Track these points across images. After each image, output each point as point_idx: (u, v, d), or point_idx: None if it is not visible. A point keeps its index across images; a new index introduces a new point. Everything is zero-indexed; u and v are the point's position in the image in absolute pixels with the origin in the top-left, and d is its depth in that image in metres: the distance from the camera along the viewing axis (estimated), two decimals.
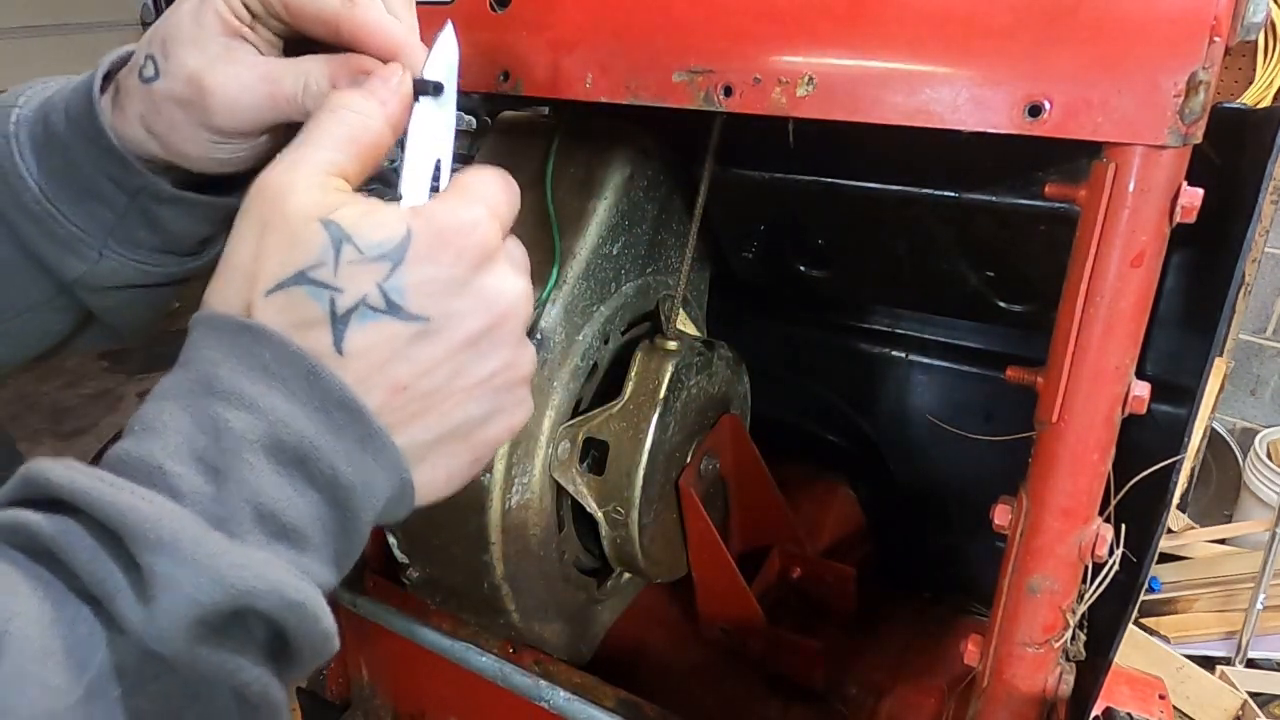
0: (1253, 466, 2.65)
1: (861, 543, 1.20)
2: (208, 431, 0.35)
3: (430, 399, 0.40)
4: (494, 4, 0.65)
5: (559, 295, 0.82)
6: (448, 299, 0.39)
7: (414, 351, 0.39)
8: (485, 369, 0.41)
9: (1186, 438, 0.62)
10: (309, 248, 0.37)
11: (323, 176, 0.39)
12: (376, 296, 0.37)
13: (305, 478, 0.36)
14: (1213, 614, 2.33)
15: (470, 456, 0.43)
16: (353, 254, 0.37)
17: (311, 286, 0.37)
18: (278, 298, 0.37)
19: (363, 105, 0.42)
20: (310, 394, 0.36)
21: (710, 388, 0.96)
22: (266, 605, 0.33)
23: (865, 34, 0.53)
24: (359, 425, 0.37)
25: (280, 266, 0.37)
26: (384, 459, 0.38)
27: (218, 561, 0.32)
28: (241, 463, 0.35)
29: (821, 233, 1.01)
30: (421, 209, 0.40)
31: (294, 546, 0.36)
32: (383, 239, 0.38)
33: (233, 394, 0.35)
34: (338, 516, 0.37)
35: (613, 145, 0.88)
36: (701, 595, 1.01)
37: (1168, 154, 0.49)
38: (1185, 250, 0.70)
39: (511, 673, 0.90)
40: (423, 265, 0.38)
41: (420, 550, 0.90)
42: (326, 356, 0.37)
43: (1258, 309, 2.75)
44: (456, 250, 0.39)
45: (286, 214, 0.38)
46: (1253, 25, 0.50)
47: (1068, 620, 0.62)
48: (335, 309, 0.37)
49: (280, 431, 0.35)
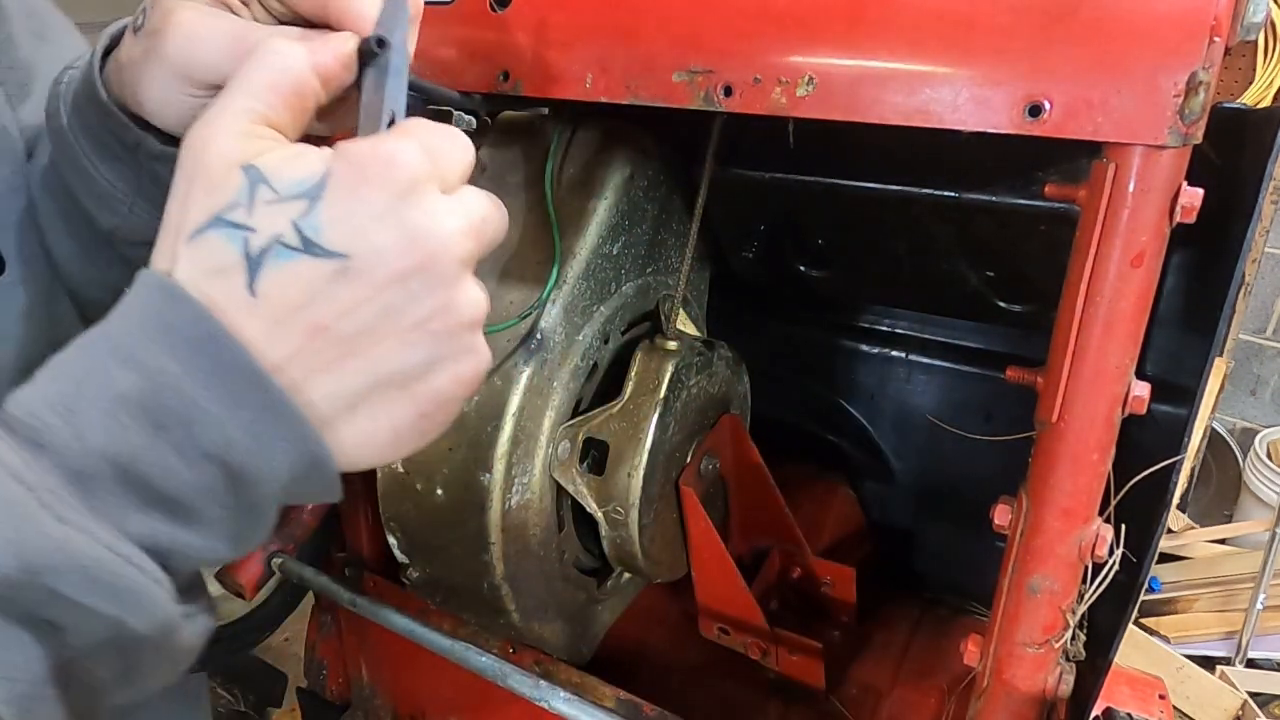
0: (1253, 466, 2.65)
1: (861, 543, 1.20)
2: (90, 386, 0.34)
3: (354, 342, 0.37)
4: (494, 4, 0.65)
5: (559, 295, 0.82)
6: (369, 234, 0.37)
7: (334, 290, 0.36)
8: (419, 311, 0.38)
9: (1186, 438, 0.62)
10: (226, 191, 0.36)
11: (244, 124, 0.38)
12: (291, 234, 0.36)
13: (193, 446, 0.34)
14: (1213, 614, 2.33)
15: (414, 410, 0.40)
16: (268, 194, 0.36)
17: (227, 229, 0.36)
18: (196, 243, 0.36)
19: (285, 49, 0.41)
20: (206, 358, 0.35)
21: (710, 388, 0.96)
22: (69, 583, 0.32)
23: (865, 34, 0.53)
24: (259, 392, 0.35)
25: (200, 213, 0.36)
26: (286, 427, 0.36)
27: (21, 525, 0.31)
28: (113, 421, 0.33)
29: (821, 233, 1.01)
30: (343, 147, 0.38)
31: (176, 519, 0.35)
32: (300, 177, 0.37)
33: (126, 351, 0.34)
34: (232, 488, 0.36)
35: (613, 145, 0.88)
36: (701, 595, 1.01)
37: (1168, 154, 0.49)
38: (1185, 250, 0.70)
39: (511, 673, 0.90)
40: (341, 200, 0.37)
41: (420, 550, 0.90)
42: (239, 300, 0.36)
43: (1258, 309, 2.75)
44: (378, 182, 0.37)
45: (207, 162, 0.37)
46: (1253, 25, 0.50)
47: (1068, 620, 0.62)
48: (249, 249, 0.36)
49: (164, 395, 0.34)
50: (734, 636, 1.02)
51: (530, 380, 0.81)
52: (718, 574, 0.98)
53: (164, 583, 0.35)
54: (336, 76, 0.43)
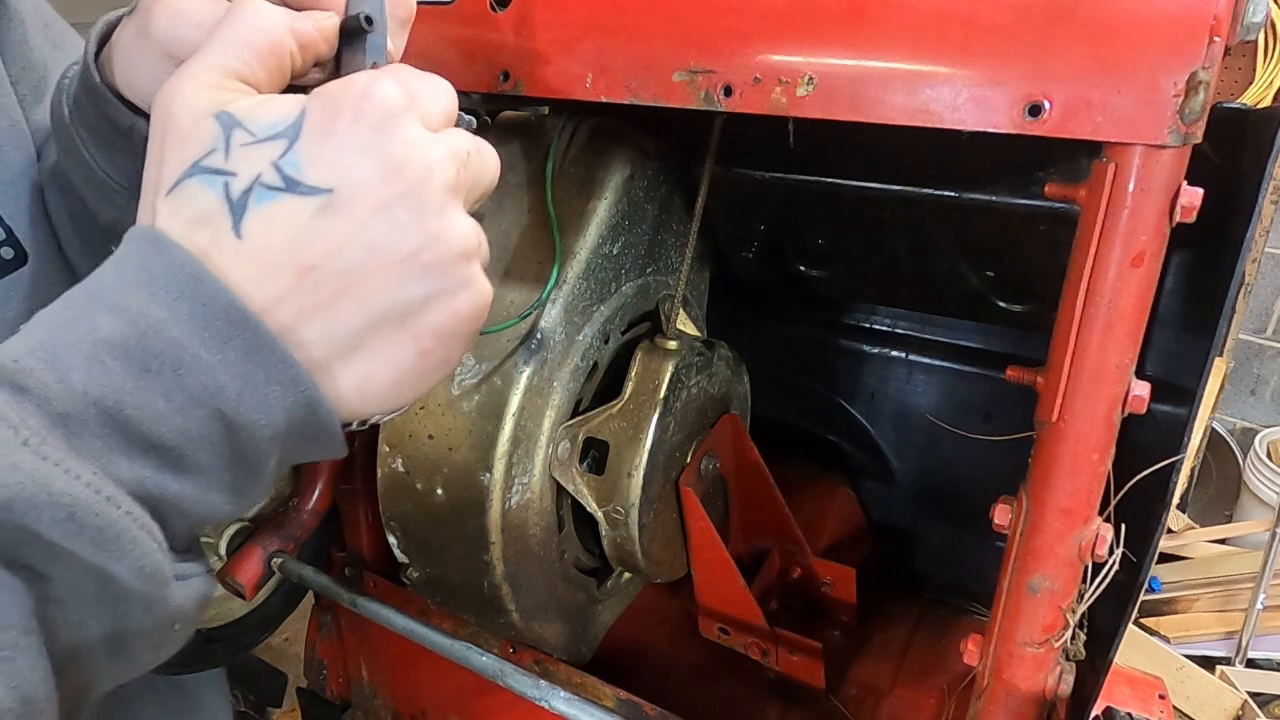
0: (1253, 466, 2.66)
1: (862, 543, 1.20)
2: (73, 331, 0.33)
3: (345, 280, 0.36)
4: (494, 4, 0.65)
5: (559, 295, 0.82)
6: (350, 167, 0.36)
7: (320, 227, 0.36)
8: (408, 242, 0.37)
9: (1186, 438, 0.62)
10: (201, 140, 0.36)
11: (216, 77, 0.38)
12: (272, 174, 0.36)
13: (180, 389, 0.34)
14: (1213, 614, 2.33)
15: (414, 348, 0.39)
16: (244, 137, 0.36)
17: (204, 175, 0.36)
18: (175, 195, 0.36)
19: (263, 7, 0.40)
20: (190, 302, 0.34)
21: (710, 388, 0.96)
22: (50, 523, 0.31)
23: (865, 34, 0.53)
24: (246, 334, 0.34)
25: (177, 165, 0.36)
26: (278, 372, 0.35)
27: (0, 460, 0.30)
28: (97, 364, 0.33)
29: (821, 233, 1.01)
30: (319, 89, 0.38)
31: (166, 466, 0.34)
32: (276, 119, 0.36)
33: (109, 298, 0.34)
34: (226, 434, 0.35)
35: (613, 145, 0.88)
36: (701, 595, 1.02)
37: (1168, 154, 0.49)
38: (1185, 250, 0.70)
39: (511, 673, 0.90)
40: (320, 136, 0.36)
41: (420, 550, 0.90)
42: (225, 244, 0.35)
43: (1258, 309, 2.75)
44: (353, 114, 0.37)
45: (177, 114, 0.37)
46: (1253, 25, 0.50)
47: (1068, 620, 0.62)
48: (230, 193, 0.35)
49: (149, 339, 0.33)
50: (734, 636, 1.02)
51: (530, 380, 0.81)
52: (718, 574, 0.98)
53: (152, 530, 0.34)
54: (314, 45, 0.42)
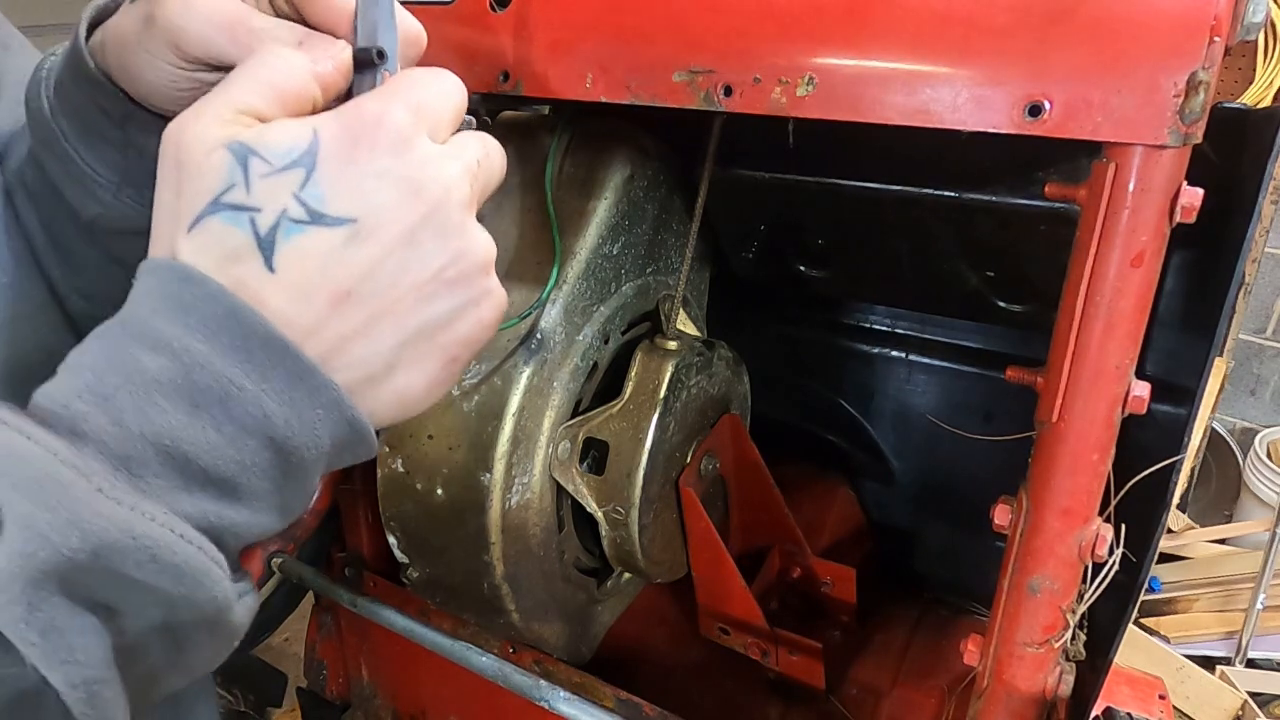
0: (1253, 466, 2.65)
1: (862, 543, 1.20)
2: (120, 372, 0.34)
3: (377, 303, 0.38)
4: (494, 4, 0.65)
5: (559, 295, 0.82)
6: (371, 194, 0.37)
7: (349, 255, 0.37)
8: (434, 263, 0.39)
9: (1186, 438, 0.62)
10: (217, 173, 0.36)
11: (231, 113, 0.37)
12: (296, 208, 0.36)
13: (230, 420, 0.35)
14: (1213, 614, 2.33)
15: (444, 357, 0.41)
16: (261, 167, 0.36)
17: (228, 212, 0.36)
18: (198, 232, 0.36)
19: (292, 55, 0.40)
20: (231, 334, 0.35)
21: (710, 388, 0.96)
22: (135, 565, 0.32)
23: (865, 34, 0.53)
24: (287, 361, 0.36)
25: (196, 200, 0.36)
26: (321, 395, 0.37)
27: (80, 507, 0.31)
28: (150, 405, 0.33)
29: (822, 233, 1.01)
30: (328, 113, 0.38)
31: (223, 496, 0.35)
32: (289, 145, 0.36)
33: (150, 335, 0.34)
34: (278, 461, 0.36)
35: (613, 145, 0.88)
36: (701, 595, 1.02)
37: (1168, 154, 0.49)
38: (1185, 250, 0.70)
39: (511, 673, 0.90)
40: (337, 165, 0.37)
41: (420, 550, 0.90)
42: (259, 280, 0.36)
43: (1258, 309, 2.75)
44: (368, 143, 0.37)
45: (188, 146, 0.37)
46: (1253, 25, 0.50)
47: (1068, 620, 0.62)
48: (258, 230, 0.36)
49: (195, 374, 0.34)
50: (734, 636, 1.02)
51: (530, 380, 0.81)
52: (718, 574, 0.98)
53: (220, 561, 0.35)
54: (335, 85, 0.42)
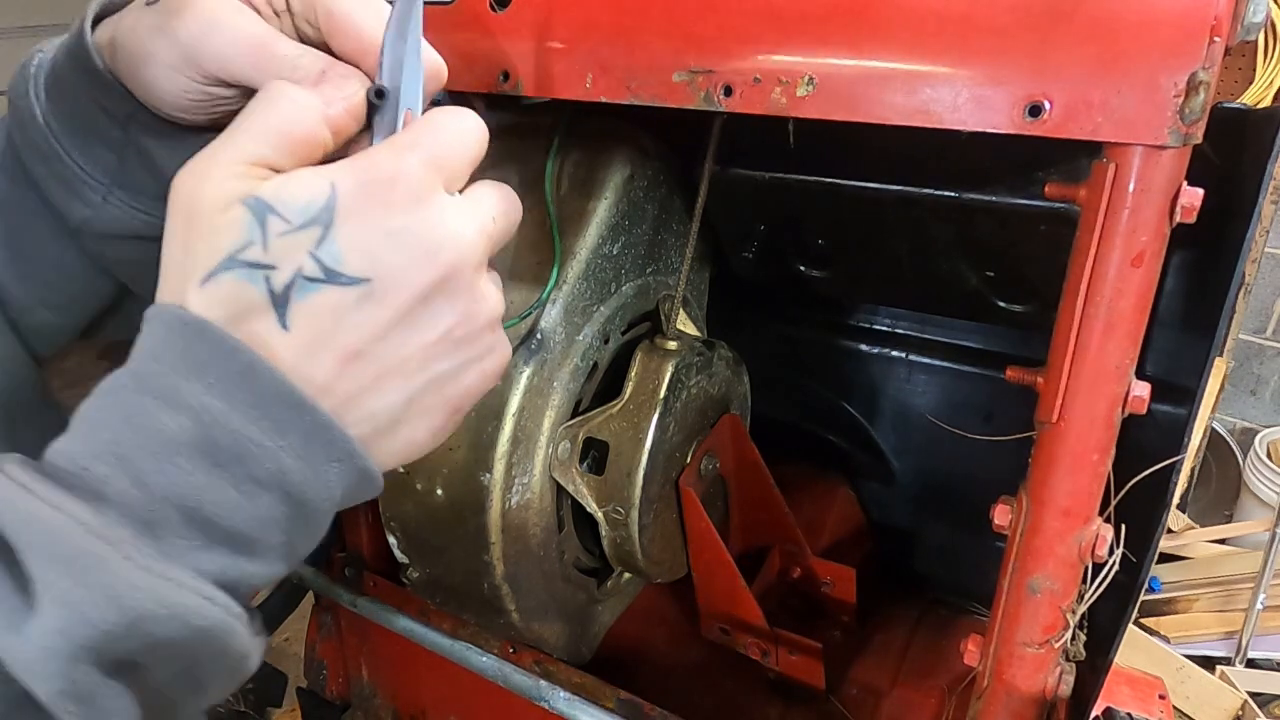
0: (1253, 466, 2.65)
1: (862, 543, 1.20)
2: (138, 432, 0.34)
3: (387, 362, 0.38)
4: (494, 4, 0.65)
5: (559, 295, 0.82)
6: (386, 254, 0.37)
7: (362, 315, 0.37)
8: (443, 323, 0.39)
9: (1186, 438, 0.62)
10: (234, 229, 0.36)
11: (243, 166, 0.37)
12: (312, 266, 0.36)
13: (249, 478, 0.35)
14: (1213, 614, 2.33)
15: (449, 409, 0.42)
16: (280, 225, 0.36)
17: (244, 269, 0.35)
18: (211, 287, 0.36)
19: (303, 99, 0.40)
20: (247, 391, 0.35)
21: (710, 388, 0.96)
22: (167, 632, 0.32)
23: (865, 34, 0.53)
24: (304, 418, 0.36)
25: (209, 254, 0.36)
26: (336, 449, 0.37)
27: (115, 580, 0.31)
28: (171, 466, 0.34)
29: (821, 233, 1.01)
30: (344, 163, 0.38)
31: (239, 551, 0.35)
32: (307, 201, 0.36)
33: (166, 393, 0.34)
34: (293, 514, 0.37)
35: (613, 145, 0.88)
36: (701, 595, 1.02)
37: (1168, 154, 0.49)
38: (1185, 250, 0.70)
39: (511, 673, 0.90)
40: (353, 223, 0.37)
41: (420, 550, 0.90)
42: (272, 337, 0.36)
43: (1258, 309, 2.75)
44: (385, 201, 0.37)
45: (205, 200, 0.36)
46: (1253, 25, 0.50)
47: (1068, 620, 0.62)
48: (272, 287, 0.36)
49: (214, 432, 0.34)
50: (734, 636, 1.02)
51: (530, 380, 0.81)
52: (718, 574, 0.98)
53: (240, 616, 0.35)
54: (346, 128, 0.42)
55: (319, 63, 0.45)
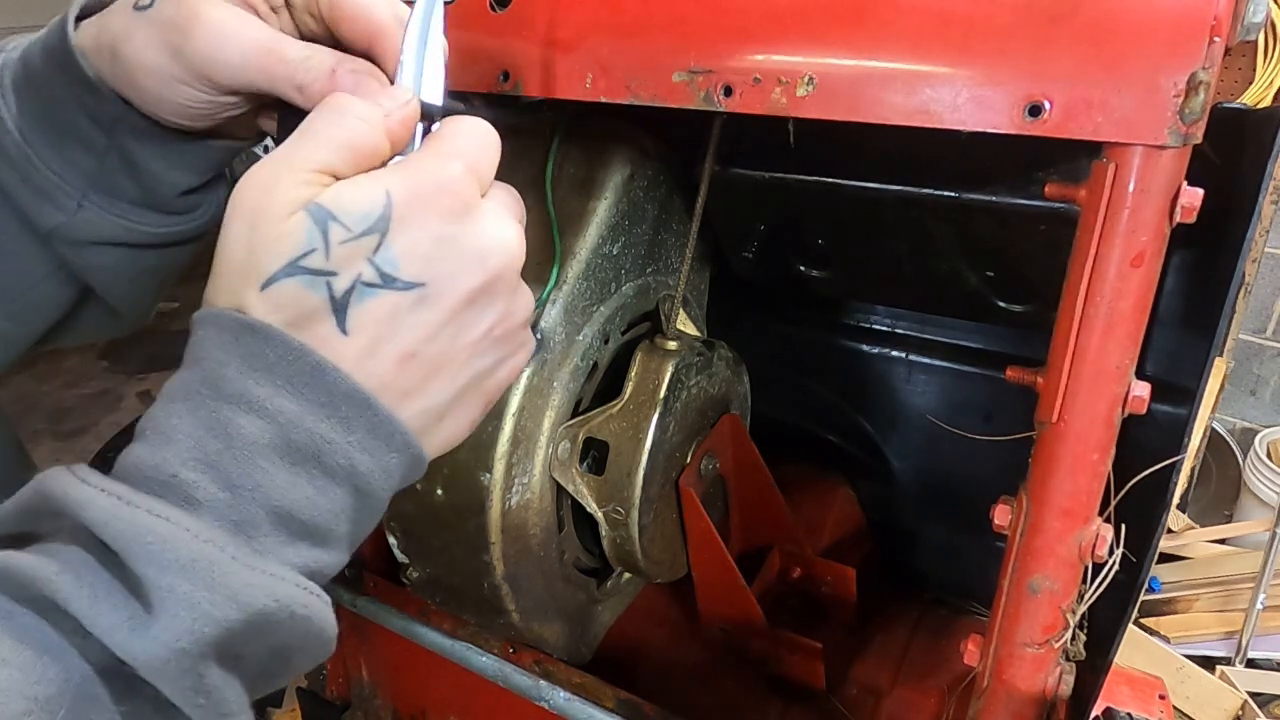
0: (1253, 466, 2.65)
1: (862, 542, 1.20)
2: (220, 437, 0.35)
3: (437, 362, 0.41)
4: (494, 4, 0.65)
5: (559, 295, 0.82)
6: (439, 260, 0.39)
7: (416, 318, 0.39)
8: (485, 323, 0.42)
9: (1186, 438, 0.62)
10: (297, 236, 0.37)
11: (311, 174, 0.39)
12: (371, 272, 0.38)
13: (324, 473, 0.37)
14: (1213, 614, 2.33)
15: (484, 401, 0.45)
16: (340, 233, 0.37)
17: (306, 276, 0.37)
18: (273, 292, 0.37)
19: (366, 112, 0.41)
20: (317, 391, 0.37)
21: (710, 388, 0.96)
22: (276, 623, 0.35)
23: (865, 34, 0.53)
24: (368, 413, 0.38)
25: (272, 259, 0.37)
26: (396, 441, 0.39)
27: (231, 579, 0.33)
28: (255, 468, 0.35)
29: (822, 233, 1.01)
30: (395, 171, 0.40)
31: (317, 543, 0.37)
32: (365, 209, 0.38)
33: (241, 397, 0.36)
34: (359, 503, 0.39)
35: (613, 145, 0.88)
36: (701, 595, 1.01)
37: (1168, 154, 0.49)
38: (1185, 250, 0.70)
39: (511, 673, 0.90)
40: (408, 230, 0.38)
41: (420, 550, 0.90)
42: (331, 341, 0.38)
43: (1258, 309, 2.75)
44: (437, 209, 0.39)
45: (272, 208, 0.38)
46: (1253, 25, 0.50)
47: (1068, 620, 0.62)
48: (333, 293, 0.37)
49: (291, 433, 0.36)
50: (734, 636, 1.02)
51: (530, 380, 0.81)
52: (718, 574, 0.98)
53: (328, 601, 0.37)
54: (403, 140, 0.44)
55: (329, 59, 0.46)
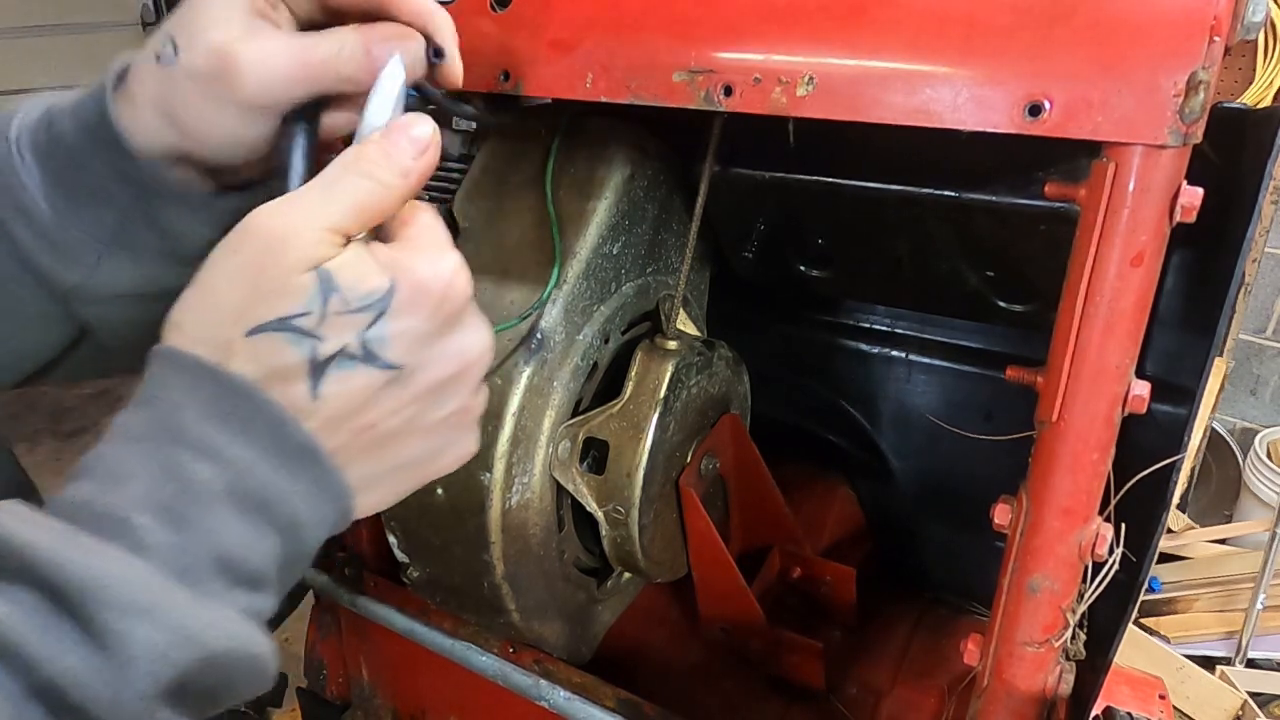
0: (1253, 466, 2.65)
1: (862, 542, 1.20)
2: (173, 480, 0.35)
3: (390, 437, 0.42)
4: (494, 4, 0.65)
5: (559, 295, 0.82)
6: (422, 349, 0.41)
7: (384, 396, 0.41)
8: (444, 411, 0.44)
9: (1186, 438, 0.62)
10: (298, 294, 0.38)
11: (324, 233, 0.40)
12: (356, 345, 0.39)
13: (267, 522, 0.38)
14: (1213, 614, 2.33)
15: (416, 480, 0.46)
16: (339, 304, 0.38)
17: (294, 334, 0.38)
18: (259, 341, 0.38)
19: (386, 175, 0.42)
20: (275, 443, 0.37)
21: (710, 388, 0.96)
22: (230, 662, 0.35)
23: (865, 34, 0.53)
24: (315, 467, 0.39)
25: (268, 308, 0.38)
26: (333, 493, 0.40)
27: (189, 621, 0.34)
28: (208, 513, 0.36)
29: (822, 233, 1.01)
30: (402, 260, 0.41)
31: (253, 589, 0.38)
32: (369, 289, 0.39)
33: (198, 443, 0.36)
34: (291, 552, 0.39)
35: (613, 145, 0.88)
36: (702, 595, 1.01)
37: (1168, 154, 0.49)
38: (1185, 250, 0.70)
39: (511, 672, 0.90)
40: (404, 317, 0.40)
41: (420, 550, 0.90)
42: (300, 401, 0.38)
43: (1258, 309, 2.75)
44: (434, 304, 0.41)
45: (285, 259, 0.38)
46: (1253, 25, 0.50)
47: (1068, 620, 0.62)
48: (315, 356, 0.38)
49: (245, 481, 0.37)
50: (734, 636, 1.02)
51: (530, 380, 0.81)
52: (718, 574, 0.98)
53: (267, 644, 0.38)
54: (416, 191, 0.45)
55: (358, 42, 0.48)
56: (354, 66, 0.47)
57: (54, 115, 0.52)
